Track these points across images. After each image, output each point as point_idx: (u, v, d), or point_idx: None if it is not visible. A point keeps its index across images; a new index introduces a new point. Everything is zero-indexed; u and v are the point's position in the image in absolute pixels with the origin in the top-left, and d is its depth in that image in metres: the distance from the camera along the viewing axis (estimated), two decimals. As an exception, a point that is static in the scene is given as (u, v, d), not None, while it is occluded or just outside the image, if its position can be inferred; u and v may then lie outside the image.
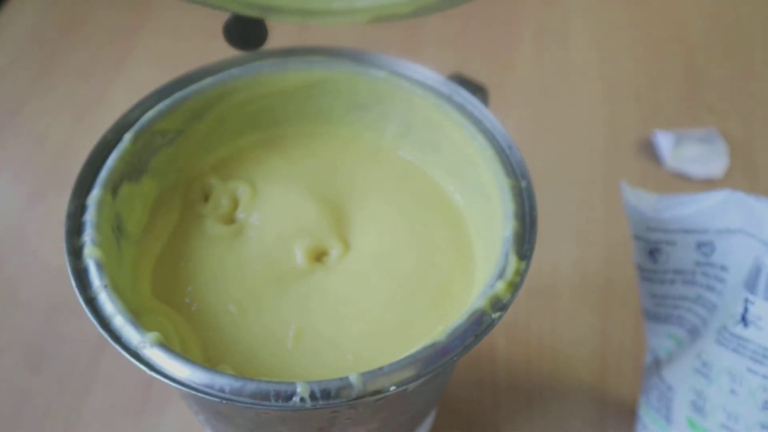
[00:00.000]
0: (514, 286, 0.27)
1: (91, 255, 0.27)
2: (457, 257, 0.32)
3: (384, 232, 0.32)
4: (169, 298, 0.30)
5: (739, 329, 0.32)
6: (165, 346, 0.25)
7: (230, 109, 0.34)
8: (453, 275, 0.32)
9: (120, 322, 0.25)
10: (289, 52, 0.34)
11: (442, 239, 0.33)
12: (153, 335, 0.25)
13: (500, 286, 0.26)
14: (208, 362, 0.28)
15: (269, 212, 0.33)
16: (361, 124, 0.36)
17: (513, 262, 0.27)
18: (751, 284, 0.31)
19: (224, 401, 0.23)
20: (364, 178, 0.34)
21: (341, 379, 0.24)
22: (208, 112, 0.34)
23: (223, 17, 0.32)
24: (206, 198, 0.34)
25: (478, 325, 0.25)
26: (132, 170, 0.31)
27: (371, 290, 0.31)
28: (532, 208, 0.29)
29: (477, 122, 0.32)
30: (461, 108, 0.32)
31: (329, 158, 0.35)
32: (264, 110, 0.35)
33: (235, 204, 0.33)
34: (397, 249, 0.32)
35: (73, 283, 0.26)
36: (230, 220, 0.33)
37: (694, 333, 0.35)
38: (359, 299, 0.30)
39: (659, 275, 0.36)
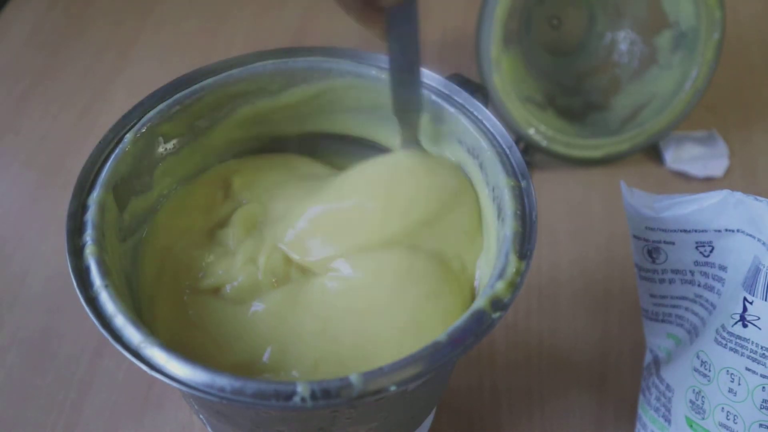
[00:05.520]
0: (514, 286, 0.27)
1: (92, 254, 0.27)
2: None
3: (382, 234, 0.32)
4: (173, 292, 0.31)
5: (737, 329, 0.32)
6: (165, 346, 0.25)
7: (232, 120, 0.34)
8: (450, 278, 0.32)
9: (121, 321, 0.25)
10: (289, 52, 0.34)
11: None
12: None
13: (500, 286, 0.26)
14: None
15: (271, 216, 0.33)
16: (360, 127, 0.36)
17: (513, 262, 0.27)
18: (749, 284, 0.31)
19: (224, 401, 0.24)
20: (364, 181, 0.34)
21: (341, 379, 0.24)
22: (211, 123, 0.34)
23: (224, 21, 0.32)
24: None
25: (478, 325, 0.25)
26: (136, 180, 0.31)
27: (369, 292, 0.31)
28: (532, 208, 0.29)
29: (477, 122, 0.32)
30: (461, 108, 0.32)
31: (329, 161, 0.36)
32: (266, 120, 0.35)
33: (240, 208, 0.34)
34: (395, 252, 0.32)
35: (74, 283, 0.26)
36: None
37: (693, 333, 0.35)
38: (355, 300, 0.30)
39: (658, 275, 0.36)
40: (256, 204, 0.34)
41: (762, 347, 0.31)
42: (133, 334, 0.25)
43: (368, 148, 0.36)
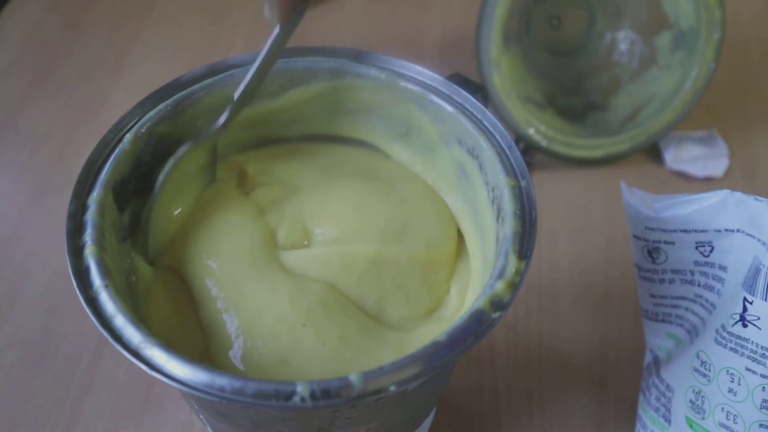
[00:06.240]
0: (514, 286, 0.26)
1: (92, 254, 0.27)
2: (452, 258, 0.33)
3: (382, 233, 0.32)
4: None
5: (737, 329, 0.32)
6: (164, 345, 0.25)
7: (232, 121, 0.34)
8: (449, 275, 0.32)
9: (121, 321, 0.25)
10: (289, 52, 0.34)
11: (438, 240, 0.33)
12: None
13: (500, 286, 0.26)
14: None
15: (294, 196, 0.33)
16: (358, 129, 0.36)
17: (513, 262, 0.27)
18: (749, 284, 0.31)
19: (224, 401, 0.24)
20: (363, 182, 0.34)
21: (341, 378, 0.24)
22: (211, 126, 0.34)
23: (224, 21, 0.32)
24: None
25: (478, 325, 0.25)
26: (137, 181, 0.31)
27: (367, 291, 0.31)
28: (532, 208, 0.29)
29: (477, 122, 0.32)
30: (461, 108, 0.32)
31: (329, 161, 0.36)
32: (266, 121, 0.35)
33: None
34: (394, 250, 0.32)
35: (74, 283, 0.26)
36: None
37: (693, 333, 0.35)
38: (354, 301, 0.30)
39: (658, 275, 0.36)
40: (277, 186, 0.34)
41: (762, 347, 0.31)
42: (133, 334, 0.25)
43: (366, 149, 0.36)
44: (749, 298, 0.31)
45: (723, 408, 0.33)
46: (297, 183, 0.34)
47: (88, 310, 0.26)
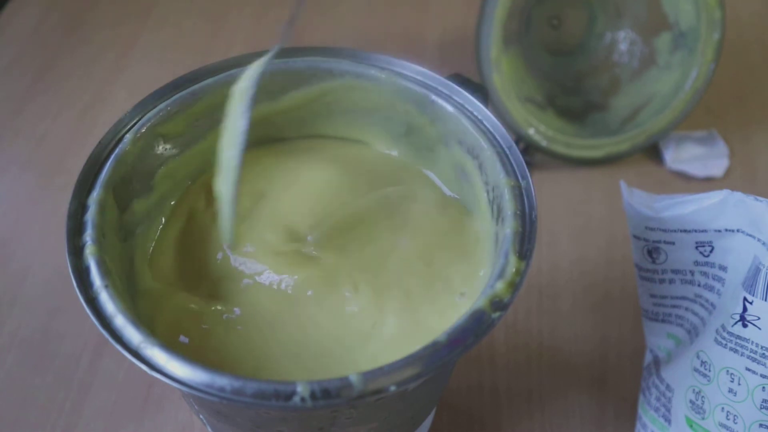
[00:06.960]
0: (514, 286, 0.27)
1: (92, 254, 0.27)
2: (456, 257, 0.33)
3: (385, 234, 0.32)
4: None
5: (737, 329, 0.32)
6: (165, 345, 0.25)
7: None
8: (453, 274, 0.32)
9: (121, 321, 0.25)
10: (289, 52, 0.34)
11: (439, 238, 0.33)
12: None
13: (500, 286, 0.26)
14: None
15: (273, 218, 0.33)
16: (359, 126, 0.36)
17: (513, 262, 0.27)
18: (749, 284, 0.31)
19: (224, 401, 0.24)
20: (364, 182, 0.34)
21: (341, 378, 0.24)
22: (211, 124, 0.34)
23: (224, 21, 0.32)
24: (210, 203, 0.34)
25: (478, 325, 0.25)
26: (137, 181, 0.31)
27: (372, 292, 0.31)
28: (532, 208, 0.29)
29: (477, 122, 0.32)
30: (461, 108, 0.33)
31: (328, 162, 0.36)
32: (267, 122, 0.35)
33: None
34: (397, 249, 0.32)
35: (74, 283, 0.26)
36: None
37: (693, 333, 0.35)
38: (360, 302, 0.30)
39: (658, 275, 0.36)
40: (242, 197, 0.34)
41: (762, 347, 0.31)
42: (133, 334, 0.25)
43: (364, 148, 0.36)
44: (749, 298, 0.31)
45: (723, 408, 0.33)
46: (268, 184, 0.34)
47: (88, 310, 0.26)
